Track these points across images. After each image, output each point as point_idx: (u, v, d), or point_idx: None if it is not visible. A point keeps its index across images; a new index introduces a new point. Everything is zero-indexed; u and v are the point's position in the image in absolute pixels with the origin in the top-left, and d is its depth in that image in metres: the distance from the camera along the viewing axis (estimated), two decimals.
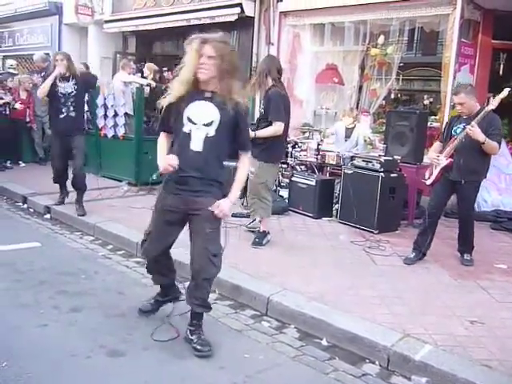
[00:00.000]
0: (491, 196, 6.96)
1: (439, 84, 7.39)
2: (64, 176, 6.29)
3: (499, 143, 4.59)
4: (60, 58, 5.96)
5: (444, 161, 4.70)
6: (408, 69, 10.14)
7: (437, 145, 5.03)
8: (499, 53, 7.80)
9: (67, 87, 5.94)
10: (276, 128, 4.94)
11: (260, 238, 5.14)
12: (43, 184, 6.02)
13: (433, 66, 10.22)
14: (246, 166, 3.28)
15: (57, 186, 6.35)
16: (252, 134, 4.86)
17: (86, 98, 8.54)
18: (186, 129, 3.06)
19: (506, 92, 4.48)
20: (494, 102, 4.48)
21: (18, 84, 9.23)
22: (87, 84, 6.38)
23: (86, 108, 8.33)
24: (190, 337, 3.20)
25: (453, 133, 4.77)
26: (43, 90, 5.92)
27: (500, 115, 4.70)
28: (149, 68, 9.07)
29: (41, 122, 9.51)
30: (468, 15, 7.03)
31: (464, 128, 4.60)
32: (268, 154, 5.02)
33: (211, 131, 3.06)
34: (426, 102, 9.07)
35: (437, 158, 4.77)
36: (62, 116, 5.94)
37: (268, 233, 5.23)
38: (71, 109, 5.96)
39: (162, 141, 3.26)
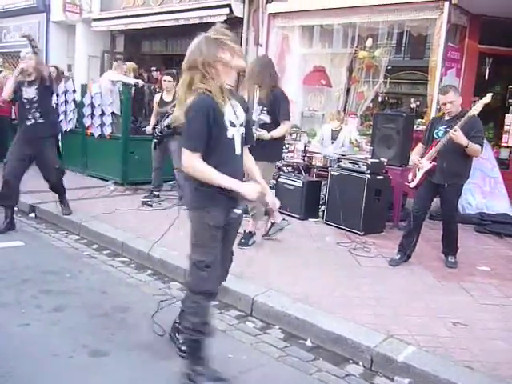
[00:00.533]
0: (476, 199, 7.03)
1: (426, 87, 7.45)
2: (16, 191, 5.56)
3: (481, 146, 4.63)
4: (29, 56, 5.49)
5: (427, 164, 4.73)
6: (396, 72, 10.23)
7: (419, 147, 5.06)
8: (485, 57, 7.89)
9: (30, 92, 5.50)
10: (287, 127, 5.08)
11: (246, 239, 5.14)
12: (28, 182, 5.95)
13: (420, 70, 10.34)
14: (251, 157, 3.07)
15: (41, 184, 6.12)
16: (268, 135, 4.88)
17: (73, 96, 8.57)
18: (229, 134, 2.71)
19: (489, 97, 4.53)
20: (478, 107, 4.53)
21: (2, 81, 9.09)
22: (48, 88, 5.69)
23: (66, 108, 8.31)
24: (177, 336, 3.18)
25: (434, 135, 4.81)
26: (7, 91, 5.51)
27: (485, 119, 4.75)
28: (129, 67, 9.02)
29: None
30: (455, 20, 7.09)
31: (446, 131, 4.64)
32: (271, 153, 5.02)
33: (243, 131, 2.84)
34: (413, 105, 9.13)
35: (419, 162, 4.81)
36: (29, 123, 5.52)
37: (254, 233, 5.23)
38: (37, 115, 5.52)
39: (204, 164, 2.66)
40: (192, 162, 2.65)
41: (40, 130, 5.54)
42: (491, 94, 4.59)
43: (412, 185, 4.94)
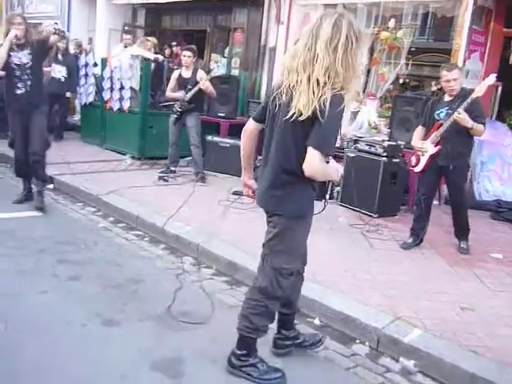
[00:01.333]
0: (493, 186, 6.95)
1: None
2: (28, 164, 5.33)
3: (484, 125, 4.61)
4: (18, 20, 5.06)
5: (432, 148, 4.69)
6: (419, 54, 10.04)
7: (419, 129, 5.00)
8: (510, 41, 7.71)
9: (22, 57, 5.07)
10: None
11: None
12: (48, 153, 6.03)
13: (444, 52, 10.11)
14: None
15: (59, 154, 6.16)
16: None
17: (94, 70, 8.61)
18: None
19: (492, 78, 4.49)
20: (481, 89, 4.48)
21: None
22: (43, 52, 5.31)
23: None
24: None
25: (436, 117, 4.77)
26: (2, 59, 4.97)
27: (508, 105, 4.68)
28: (151, 43, 9.00)
29: None
30: (481, 2, 6.92)
31: (448, 112, 4.62)
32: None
33: None
34: (434, 88, 8.99)
35: (422, 147, 4.77)
36: (19, 92, 5.11)
37: None
38: (28, 83, 5.11)
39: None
40: (322, 166, 2.40)
41: (32, 99, 5.15)
42: (495, 75, 4.56)
43: (417, 169, 4.90)
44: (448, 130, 4.58)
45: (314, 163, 2.36)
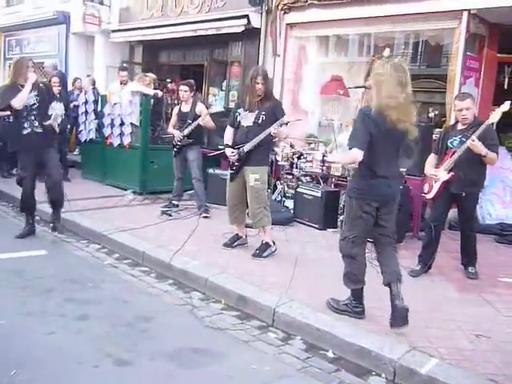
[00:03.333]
0: (496, 209, 6.98)
1: (443, 96, 7.43)
2: (34, 199, 5.65)
3: (497, 153, 4.65)
4: (31, 65, 5.35)
5: (445, 175, 4.72)
6: (412, 80, 10.18)
7: (432, 157, 5.04)
8: (504, 66, 7.85)
9: (29, 98, 5.29)
10: None
11: (261, 250, 5.12)
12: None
13: (437, 78, 10.28)
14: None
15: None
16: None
17: (93, 107, 8.69)
18: None
19: (507, 105, 4.52)
20: (496, 116, 4.52)
21: None
22: (49, 95, 5.64)
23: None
24: None
25: (449, 145, 4.81)
26: (22, 97, 5.20)
27: (506, 129, 4.74)
28: (150, 78, 9.10)
29: None
30: (474, 29, 7.07)
31: (461, 140, 4.65)
32: (266, 157, 5.28)
33: None
34: (431, 114, 9.09)
35: (435, 174, 4.80)
36: (25, 132, 5.33)
37: (271, 244, 5.19)
38: (35, 124, 5.34)
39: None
40: None
41: (39, 138, 5.39)
42: (509, 102, 4.58)
43: (429, 196, 4.92)
44: (461, 157, 4.60)
45: None
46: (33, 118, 5.33)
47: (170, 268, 4.77)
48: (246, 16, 8.97)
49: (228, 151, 5.13)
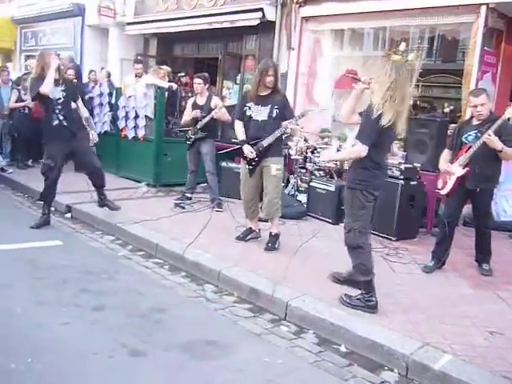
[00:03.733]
0: (510, 206, 6.91)
1: (458, 91, 7.36)
2: (55, 190, 5.86)
3: None
4: (53, 55, 5.58)
5: (460, 170, 4.68)
6: (427, 75, 10.10)
7: (446, 153, 4.98)
8: None
9: (55, 92, 5.51)
10: None
11: (273, 243, 5.17)
12: (64, 183, 6.09)
13: (452, 73, 10.19)
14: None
15: (77, 183, 6.34)
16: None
17: (108, 99, 8.74)
18: None
19: None
20: (511, 111, 4.47)
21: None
22: (75, 93, 5.90)
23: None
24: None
25: (464, 140, 4.76)
26: (47, 83, 5.34)
27: None
28: (165, 71, 9.11)
29: None
30: (492, 24, 6.97)
31: (477, 135, 4.61)
32: (281, 148, 5.42)
33: None
34: (447, 109, 9.02)
35: (449, 170, 4.76)
36: (55, 123, 5.55)
37: (279, 234, 5.28)
38: (60, 117, 5.55)
39: None
40: None
41: (67, 132, 5.58)
42: None
43: (444, 192, 4.88)
44: (476, 152, 4.56)
45: None
46: (58, 111, 5.52)
47: (183, 260, 4.80)
48: (261, 9, 8.92)
49: (246, 150, 5.06)
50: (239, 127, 5.24)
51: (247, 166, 5.19)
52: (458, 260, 5.12)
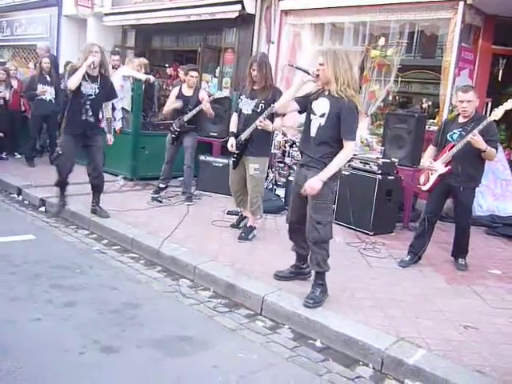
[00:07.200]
0: (486, 201, 6.99)
1: (437, 87, 7.40)
2: (68, 176, 5.81)
3: (497, 149, 4.62)
4: (96, 49, 5.39)
5: (442, 168, 4.70)
6: (406, 71, 10.16)
7: (431, 149, 5.01)
8: (499, 58, 7.83)
9: (89, 88, 5.41)
10: None
11: (246, 234, 5.25)
12: (38, 176, 5.97)
13: (431, 69, 10.26)
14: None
15: (52, 177, 6.21)
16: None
17: None
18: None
19: (510, 103, 4.48)
20: (498, 113, 4.47)
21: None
22: (109, 95, 5.75)
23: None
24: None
25: (448, 138, 4.77)
26: (75, 79, 5.26)
27: (498, 121, 4.70)
28: (140, 63, 8.96)
29: None
30: (469, 20, 7.03)
31: (461, 134, 4.62)
32: (266, 148, 5.37)
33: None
34: (425, 105, 9.08)
35: (432, 166, 4.78)
36: (82, 118, 5.46)
37: (255, 228, 5.34)
38: (89, 113, 5.47)
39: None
40: None
41: (89, 128, 5.53)
42: None
43: (425, 188, 4.90)
44: (460, 151, 4.57)
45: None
46: (87, 106, 5.45)
47: (158, 255, 4.74)
48: (241, 1, 8.84)
49: (229, 143, 5.17)
50: (232, 120, 5.33)
51: (231, 158, 5.31)
52: (434, 255, 5.16)
